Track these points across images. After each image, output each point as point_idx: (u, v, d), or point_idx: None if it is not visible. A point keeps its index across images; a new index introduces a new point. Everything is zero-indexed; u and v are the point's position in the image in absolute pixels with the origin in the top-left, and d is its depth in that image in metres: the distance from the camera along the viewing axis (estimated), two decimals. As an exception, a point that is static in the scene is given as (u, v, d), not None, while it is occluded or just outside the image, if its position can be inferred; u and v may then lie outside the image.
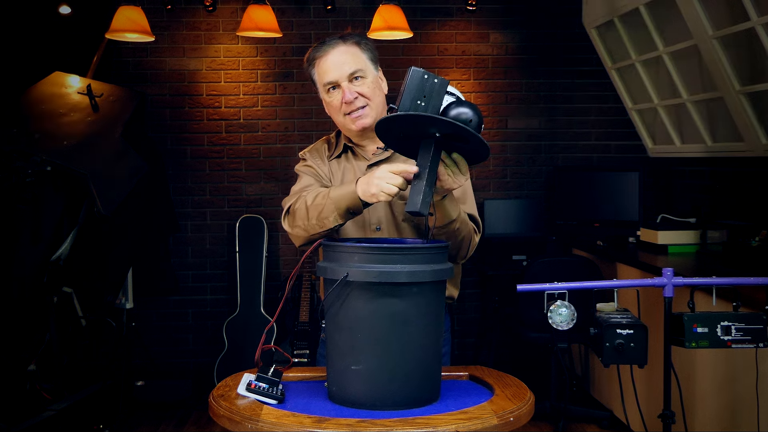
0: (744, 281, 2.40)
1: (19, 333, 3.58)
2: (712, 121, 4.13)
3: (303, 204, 1.92)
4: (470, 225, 1.98)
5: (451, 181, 1.77)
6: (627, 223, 4.62)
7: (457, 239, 1.93)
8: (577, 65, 5.04)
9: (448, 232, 1.90)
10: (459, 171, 1.76)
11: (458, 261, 2.02)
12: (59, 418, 3.56)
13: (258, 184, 4.99)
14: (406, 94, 1.66)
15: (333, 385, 1.71)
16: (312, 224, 1.89)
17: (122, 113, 3.98)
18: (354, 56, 2.02)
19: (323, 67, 2.03)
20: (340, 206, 1.85)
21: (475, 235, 2.01)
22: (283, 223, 2.00)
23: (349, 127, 2.06)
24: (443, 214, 1.86)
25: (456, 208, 1.89)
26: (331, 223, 1.87)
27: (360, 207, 1.84)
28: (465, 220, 1.94)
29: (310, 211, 1.89)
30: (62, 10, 4.59)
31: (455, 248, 1.96)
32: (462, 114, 1.67)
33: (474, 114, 1.68)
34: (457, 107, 1.68)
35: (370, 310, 1.63)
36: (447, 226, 1.89)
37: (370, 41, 2.09)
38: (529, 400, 1.68)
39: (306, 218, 1.90)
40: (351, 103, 2.01)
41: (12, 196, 3.43)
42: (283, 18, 4.83)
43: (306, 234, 1.92)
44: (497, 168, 5.04)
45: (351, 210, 1.85)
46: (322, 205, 1.87)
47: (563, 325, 2.33)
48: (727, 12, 3.50)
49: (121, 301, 4.33)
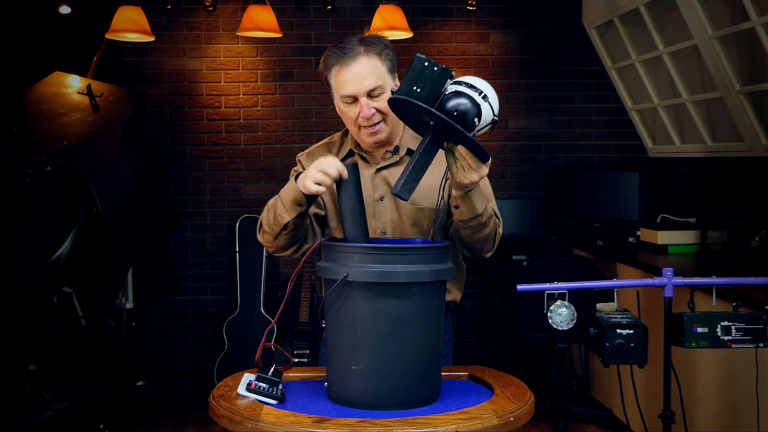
0: (744, 281, 2.40)
1: (19, 333, 3.58)
2: (712, 121, 4.13)
3: (265, 210, 2.00)
4: (495, 219, 1.97)
5: (461, 176, 1.75)
6: (627, 223, 4.62)
7: (483, 234, 1.92)
8: (577, 65, 5.04)
9: (473, 227, 1.89)
10: (469, 166, 1.73)
11: (484, 255, 2.01)
12: (59, 418, 3.56)
13: (258, 184, 4.99)
14: (406, 79, 1.67)
15: (333, 385, 1.71)
16: (271, 223, 1.96)
17: (122, 113, 3.98)
18: (374, 70, 1.95)
19: (342, 78, 1.96)
20: (286, 200, 1.90)
21: (499, 228, 2.00)
22: (258, 235, 2.06)
23: (363, 140, 2.04)
24: (468, 208, 1.85)
25: (482, 203, 1.87)
26: (284, 218, 1.91)
27: (303, 200, 1.88)
28: (491, 214, 1.93)
29: (269, 212, 1.96)
30: (62, 10, 4.59)
31: (481, 243, 1.95)
32: (458, 105, 1.64)
33: (471, 107, 1.64)
34: (455, 98, 1.65)
35: (370, 310, 1.63)
36: (472, 221, 1.87)
37: (390, 47, 2.02)
38: (529, 400, 1.68)
39: (267, 219, 1.98)
40: (369, 118, 1.98)
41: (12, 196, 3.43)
42: (283, 18, 4.83)
43: (272, 236, 1.98)
44: (497, 168, 5.04)
45: (297, 202, 1.89)
46: (275, 203, 1.94)
47: (563, 325, 2.33)
48: (727, 12, 3.50)
49: (121, 301, 4.33)
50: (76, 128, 3.78)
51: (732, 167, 4.15)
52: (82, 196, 3.72)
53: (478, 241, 1.94)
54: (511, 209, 4.90)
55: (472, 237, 1.93)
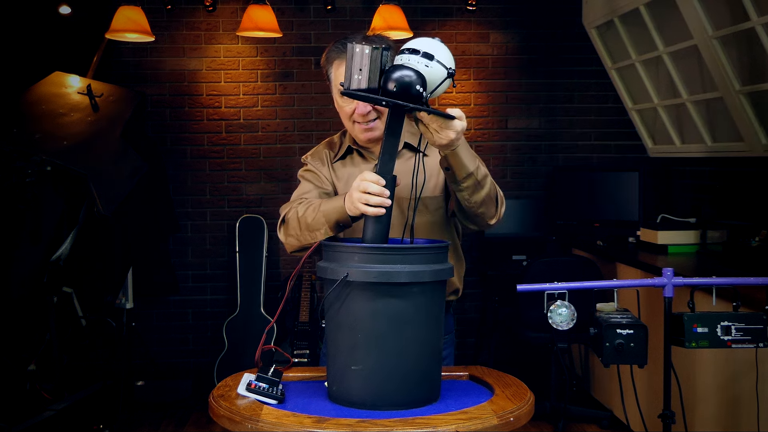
0: (744, 281, 2.40)
1: (19, 333, 3.58)
2: (712, 121, 4.13)
3: (295, 215, 1.96)
4: (492, 181, 1.93)
5: (438, 138, 1.72)
6: (627, 223, 4.62)
7: (481, 194, 1.88)
8: (577, 65, 5.04)
9: (469, 188, 1.86)
10: (439, 127, 1.70)
11: (490, 220, 1.97)
12: (59, 418, 3.55)
13: (258, 184, 4.99)
14: (345, 69, 1.67)
15: (333, 385, 1.71)
16: (304, 235, 1.93)
17: (122, 113, 3.98)
18: None
19: (341, 72, 1.99)
20: (330, 220, 1.87)
21: (499, 191, 1.97)
22: (278, 232, 2.03)
23: (357, 136, 2.07)
24: (458, 166, 1.81)
25: (472, 162, 1.84)
26: (322, 235, 1.89)
27: (349, 221, 1.86)
28: (485, 174, 1.90)
29: (301, 222, 1.93)
30: (62, 10, 4.59)
31: (482, 205, 1.91)
32: (400, 78, 1.62)
33: (412, 76, 1.61)
34: (395, 72, 1.63)
35: (370, 310, 1.63)
36: (466, 180, 1.84)
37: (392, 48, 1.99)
38: (529, 400, 1.68)
39: (298, 229, 1.94)
40: (364, 116, 2.00)
41: (12, 196, 3.43)
42: (283, 18, 4.83)
43: (299, 244, 1.96)
44: (497, 168, 5.04)
45: (341, 223, 1.87)
46: (313, 218, 1.90)
47: (563, 325, 2.33)
48: (727, 12, 3.50)
49: (121, 301, 4.33)
50: (76, 128, 3.78)
51: (732, 167, 4.15)
52: (82, 196, 3.72)
53: (478, 204, 1.90)
54: (511, 209, 4.90)
55: (471, 199, 1.88)
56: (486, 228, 2.01)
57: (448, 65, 1.68)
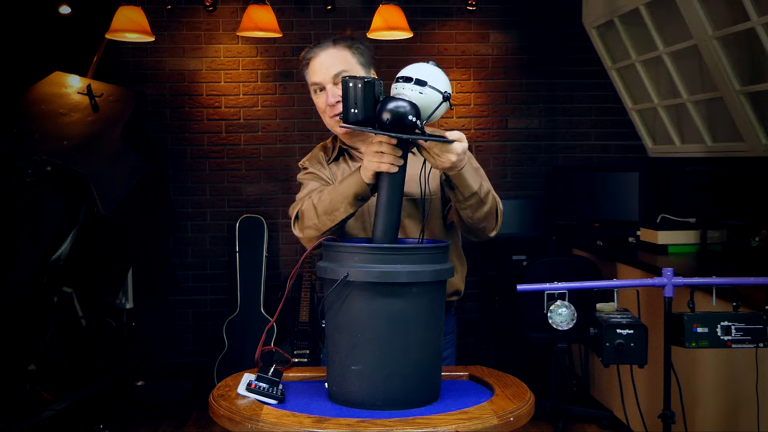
0: (744, 281, 2.40)
1: (19, 333, 3.58)
2: (712, 121, 4.13)
3: (310, 204, 1.93)
4: (494, 195, 1.95)
5: (440, 161, 1.73)
6: (627, 223, 4.62)
7: (483, 211, 1.90)
8: (577, 65, 5.04)
9: (472, 206, 1.87)
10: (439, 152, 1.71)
11: (489, 234, 1.99)
12: (59, 418, 3.55)
13: (258, 184, 4.99)
14: (342, 104, 1.71)
15: (333, 385, 1.71)
16: (323, 220, 1.89)
17: (122, 113, 3.98)
18: (341, 59, 2.02)
19: (312, 68, 2.05)
20: (348, 195, 1.85)
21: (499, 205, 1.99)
22: (294, 229, 2.00)
23: (334, 129, 2.09)
24: (462, 186, 1.83)
25: (476, 181, 1.85)
26: (342, 213, 1.87)
27: (368, 192, 1.84)
28: (488, 190, 1.91)
29: (319, 208, 1.90)
30: (62, 10, 4.59)
31: (483, 221, 1.93)
32: (394, 110, 1.64)
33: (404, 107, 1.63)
34: (388, 104, 1.65)
35: (370, 310, 1.63)
36: (470, 199, 1.86)
37: (365, 45, 2.08)
38: (529, 400, 1.68)
39: (316, 216, 1.91)
40: (333, 107, 2.02)
41: (12, 196, 3.42)
42: (283, 18, 4.83)
43: (318, 233, 1.91)
44: (497, 168, 5.04)
45: (359, 196, 1.85)
46: (330, 199, 1.88)
47: (563, 325, 2.33)
48: (727, 12, 3.50)
49: (121, 301, 4.32)
50: (76, 128, 3.78)
51: (732, 167, 4.15)
52: (82, 196, 3.72)
53: (480, 220, 1.92)
54: (511, 209, 4.90)
55: (473, 216, 1.90)
56: (485, 239, 2.02)
57: (443, 89, 1.69)
